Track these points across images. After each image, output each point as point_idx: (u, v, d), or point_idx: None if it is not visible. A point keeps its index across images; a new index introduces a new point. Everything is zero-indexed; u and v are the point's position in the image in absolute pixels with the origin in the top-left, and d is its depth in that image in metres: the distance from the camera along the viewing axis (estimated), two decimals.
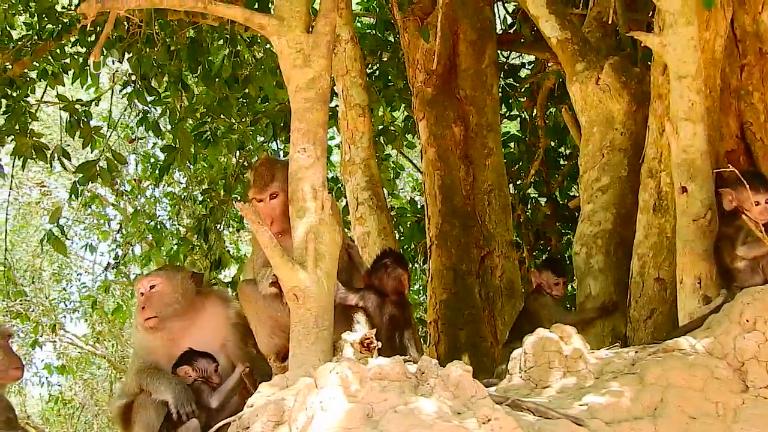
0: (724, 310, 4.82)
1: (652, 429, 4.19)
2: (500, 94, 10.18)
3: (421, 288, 12.16)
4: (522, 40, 10.21)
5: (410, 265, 11.38)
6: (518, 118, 11.88)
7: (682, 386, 4.39)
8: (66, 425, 20.29)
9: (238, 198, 8.77)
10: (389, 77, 11.02)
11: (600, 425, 4.15)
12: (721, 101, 6.44)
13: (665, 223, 6.31)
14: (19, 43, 9.05)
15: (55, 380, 19.32)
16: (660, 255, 6.31)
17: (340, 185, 9.39)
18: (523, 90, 11.47)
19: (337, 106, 8.63)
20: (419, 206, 11.13)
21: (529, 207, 11.52)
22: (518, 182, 11.37)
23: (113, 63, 9.99)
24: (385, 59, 11.06)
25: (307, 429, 3.73)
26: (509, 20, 10.93)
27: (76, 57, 9.13)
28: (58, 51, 9.15)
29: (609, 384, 4.52)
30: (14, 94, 9.01)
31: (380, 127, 11.48)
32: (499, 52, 9.96)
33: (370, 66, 11.06)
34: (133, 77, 9.34)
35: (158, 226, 13.15)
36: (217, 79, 9.23)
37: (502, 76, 10.71)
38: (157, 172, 11.40)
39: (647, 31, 6.43)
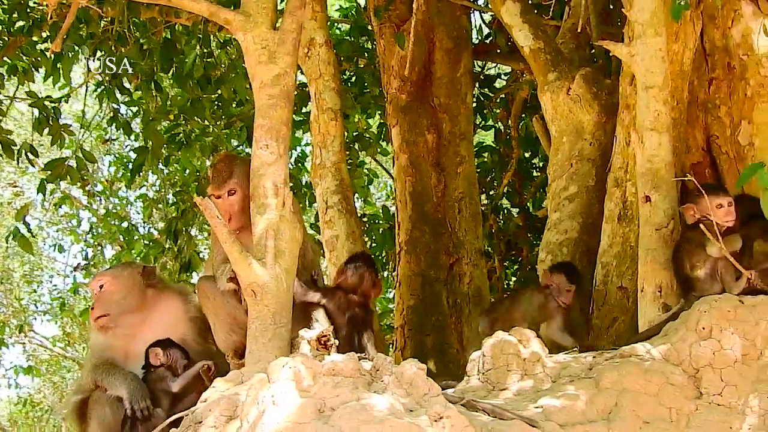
0: (682, 318, 4.85)
1: None
2: (475, 104, 10.22)
3: (393, 296, 12.16)
4: (498, 51, 10.25)
5: (381, 273, 11.42)
6: (493, 129, 11.89)
7: (637, 391, 4.41)
8: (34, 428, 20.17)
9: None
10: (365, 84, 11.01)
11: (554, 427, 4.16)
12: (688, 114, 6.48)
13: (629, 232, 6.33)
14: None
15: (24, 382, 19.22)
16: (623, 264, 6.34)
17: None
18: (498, 100, 11.51)
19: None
20: (391, 213, 11.13)
21: (501, 217, 11.55)
22: (491, 192, 11.41)
23: (87, 61, 9.94)
24: (361, 66, 11.07)
25: (258, 423, 3.70)
26: (485, 30, 10.95)
27: (46, 54, 9.08)
28: (28, 47, 9.10)
29: (565, 387, 4.52)
30: None
31: (355, 133, 11.49)
32: (474, 61, 9.99)
33: (346, 72, 11.08)
34: (105, 75, 9.29)
35: (130, 228, 13.12)
36: (189, 80, 9.21)
37: (477, 85, 10.73)
38: (129, 173, 11.35)
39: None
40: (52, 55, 8.85)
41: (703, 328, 4.66)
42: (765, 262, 5.38)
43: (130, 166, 10.52)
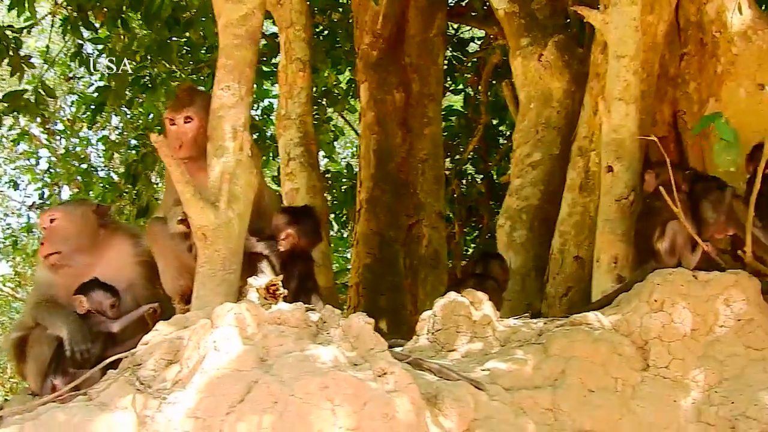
0: (635, 289, 4.82)
1: (551, 399, 4.19)
2: (446, 66, 10.13)
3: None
4: (473, 14, 10.13)
5: (341, 231, 11.34)
6: (462, 93, 11.82)
7: (585, 359, 4.39)
8: None
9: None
10: (337, 38, 10.89)
11: (499, 390, 4.14)
12: (657, 87, 6.45)
13: (590, 202, 6.32)
14: None
15: None
16: (582, 234, 6.33)
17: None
18: (469, 65, 11.42)
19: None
20: (355, 172, 11.06)
21: (464, 182, 11.51)
22: (456, 157, 11.36)
23: None
24: (335, 20, 10.93)
25: (198, 368, 3.64)
26: None
27: None
28: None
29: (514, 352, 4.50)
30: None
31: (324, 88, 11.38)
32: (449, 23, 9.89)
33: (319, 26, 10.94)
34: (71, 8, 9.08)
35: (89, 170, 12.95)
36: (157, 21, 9.01)
37: (449, 48, 10.64)
38: (91, 113, 11.18)
39: None
40: None
41: (655, 301, 4.64)
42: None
43: (93, 107, 10.36)
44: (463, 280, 6.28)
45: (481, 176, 11.53)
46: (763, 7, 7.58)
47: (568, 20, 8.26)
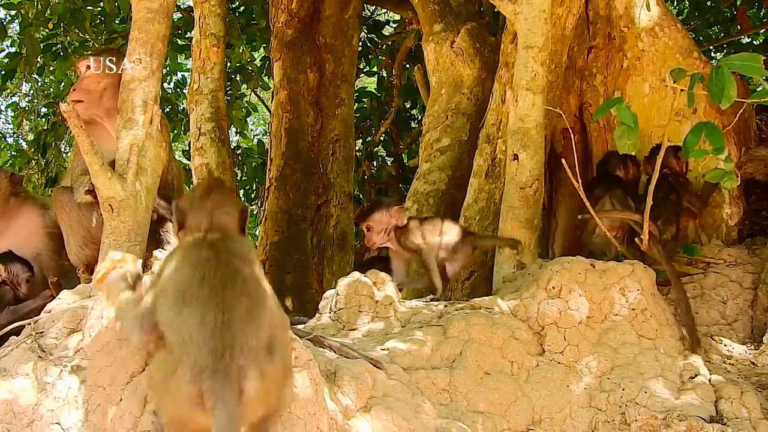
0: (534, 275, 4.94)
1: (447, 379, 4.28)
2: (360, 48, 10.17)
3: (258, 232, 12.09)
4: None
5: (250, 207, 11.28)
6: (376, 75, 11.88)
7: (482, 342, 4.49)
8: None
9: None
10: (252, 15, 10.83)
11: (397, 370, 4.21)
12: (564, 78, 6.58)
13: (495, 189, 6.41)
14: None
15: None
16: (486, 219, 6.42)
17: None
18: (384, 47, 11.48)
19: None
20: (266, 149, 11.03)
21: (375, 164, 11.57)
22: (367, 139, 11.41)
23: None
24: None
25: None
26: None
27: None
28: None
29: (413, 332, 4.58)
30: None
31: (238, 64, 11.31)
32: (364, 5, 9.93)
33: (234, 1, 10.87)
34: None
35: None
36: None
37: (365, 30, 10.67)
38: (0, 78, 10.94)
39: None
40: None
41: (553, 288, 4.78)
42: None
43: (2, 72, 10.14)
44: (369, 261, 6.34)
45: (392, 158, 11.61)
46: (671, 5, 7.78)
47: (482, 8, 8.38)
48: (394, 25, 11.91)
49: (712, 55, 10.69)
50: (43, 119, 11.86)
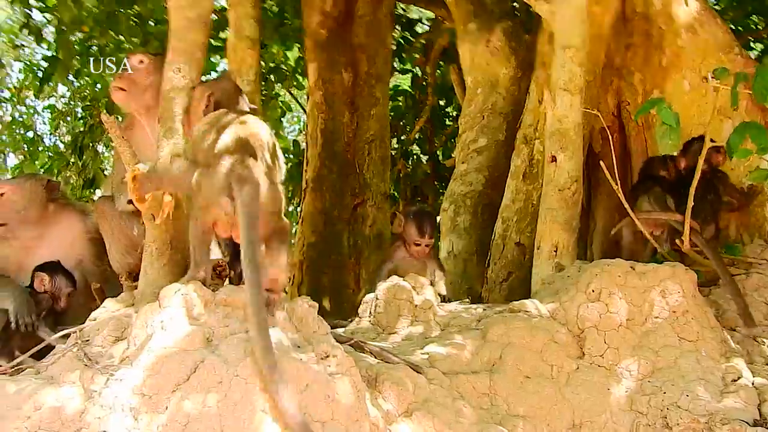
0: (573, 279, 4.93)
1: (487, 383, 4.29)
2: (394, 47, 10.16)
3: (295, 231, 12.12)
4: None
5: (286, 207, 11.30)
6: (410, 73, 11.86)
7: (522, 346, 4.49)
8: None
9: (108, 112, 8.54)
10: (286, 15, 10.84)
11: (437, 374, 4.22)
12: (602, 77, 6.54)
13: (533, 190, 6.41)
14: None
15: None
16: (524, 220, 6.42)
17: None
18: (417, 45, 11.46)
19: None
20: (301, 149, 11.06)
21: (410, 163, 11.57)
22: (402, 137, 11.40)
23: None
24: None
25: (146, 347, 3.67)
26: None
27: None
28: None
29: (453, 336, 4.60)
30: None
31: (272, 64, 11.33)
32: (397, 4, 9.91)
33: (267, 1, 10.88)
34: None
35: (35, 138, 12.81)
36: None
37: (398, 28, 10.66)
38: (38, 81, 11.04)
39: None
40: None
41: (593, 291, 4.76)
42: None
43: (40, 75, 10.24)
44: None
45: (427, 157, 11.60)
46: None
47: (516, 5, 8.35)
48: (427, 22, 11.90)
49: (751, 45, 10.54)
50: (81, 121, 11.95)
